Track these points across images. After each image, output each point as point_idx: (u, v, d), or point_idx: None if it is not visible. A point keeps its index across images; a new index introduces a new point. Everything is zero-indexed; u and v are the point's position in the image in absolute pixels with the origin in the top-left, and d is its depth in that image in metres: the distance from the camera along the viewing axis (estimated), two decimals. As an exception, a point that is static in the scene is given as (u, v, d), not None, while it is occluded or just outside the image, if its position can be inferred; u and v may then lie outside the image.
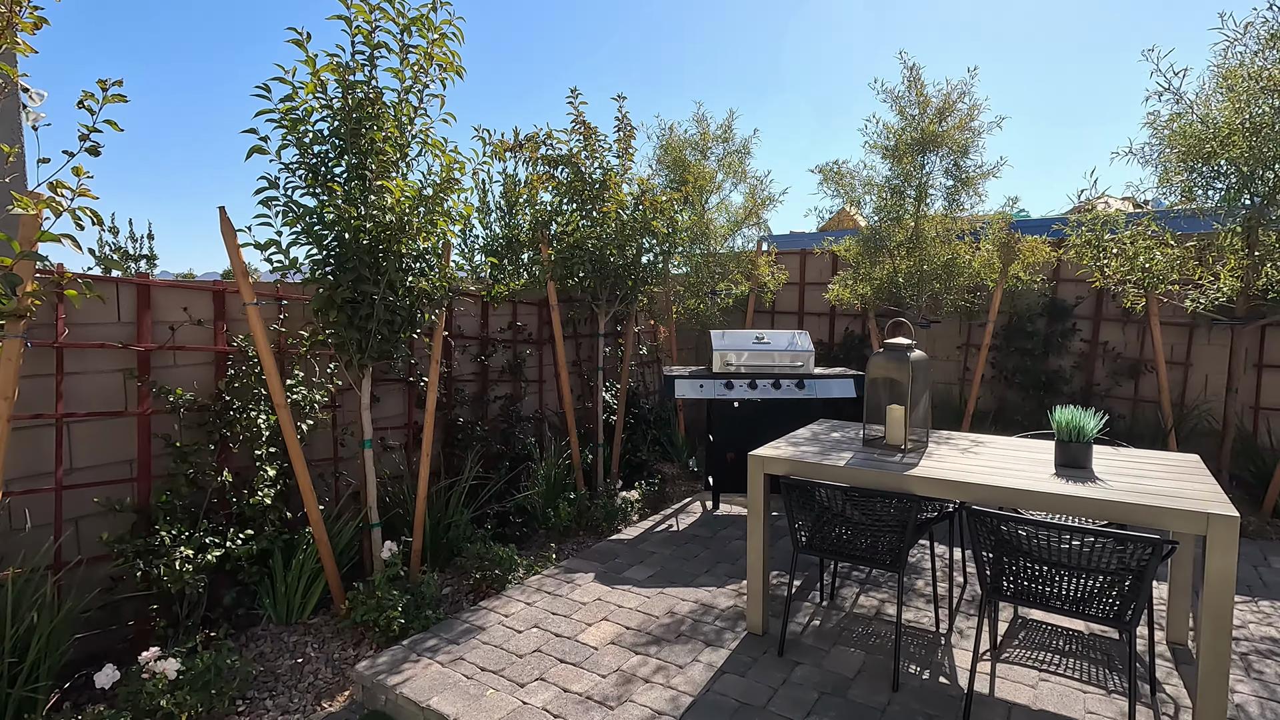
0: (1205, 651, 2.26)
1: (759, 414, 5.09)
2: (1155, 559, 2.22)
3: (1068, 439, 2.86)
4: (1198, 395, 5.49)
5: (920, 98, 5.32)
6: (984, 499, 2.64)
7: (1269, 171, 4.37)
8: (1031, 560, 2.45)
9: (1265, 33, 4.34)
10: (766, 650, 3.07)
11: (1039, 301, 6.04)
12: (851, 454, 3.13)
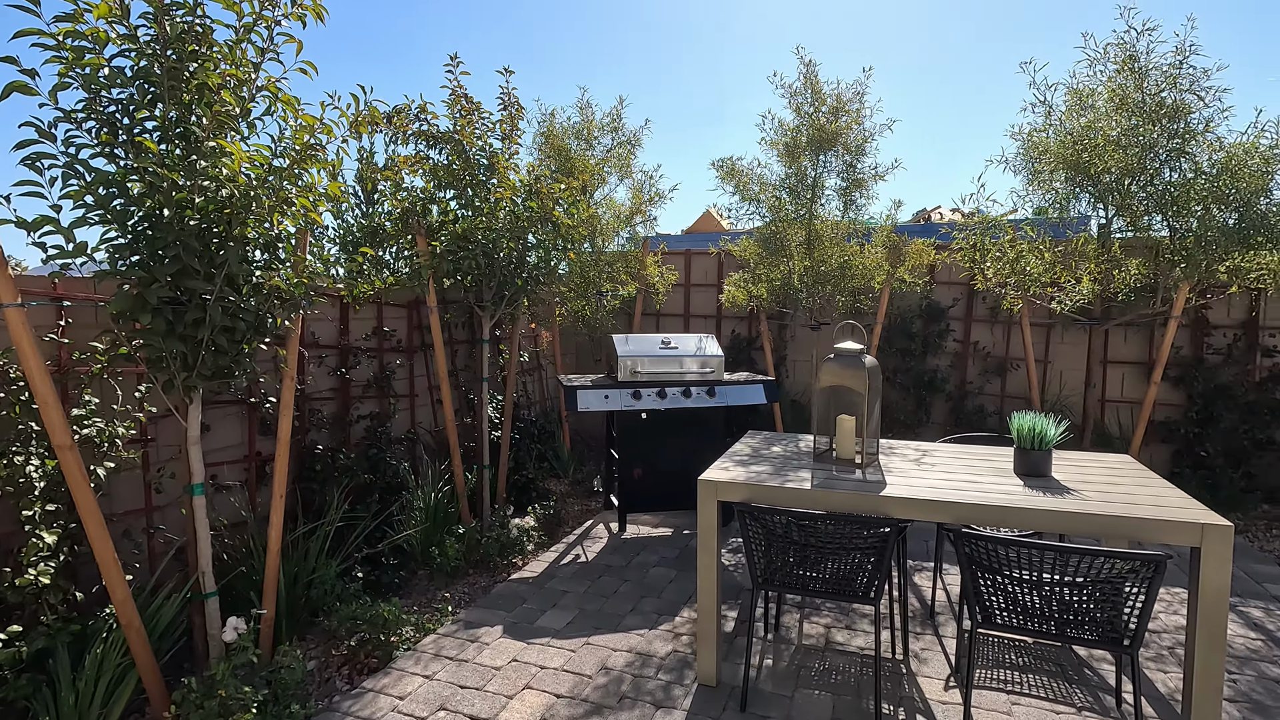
0: (1200, 665, 2.17)
1: (668, 425, 4.70)
2: (1159, 577, 2.08)
3: (1029, 446, 2.73)
4: (1056, 390, 5.91)
5: (816, 95, 5.22)
6: (971, 519, 2.41)
7: (1119, 184, 4.71)
8: (1027, 587, 2.25)
9: (1122, 54, 4.67)
10: (726, 706, 2.65)
11: (918, 303, 6.22)
12: (809, 473, 2.81)
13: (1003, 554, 2.22)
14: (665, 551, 4.29)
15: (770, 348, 6.33)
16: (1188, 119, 4.47)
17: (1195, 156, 4.50)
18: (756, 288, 5.67)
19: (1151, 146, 4.52)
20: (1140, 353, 5.69)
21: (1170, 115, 4.46)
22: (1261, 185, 4.37)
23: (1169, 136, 4.50)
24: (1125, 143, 4.50)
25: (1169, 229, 4.71)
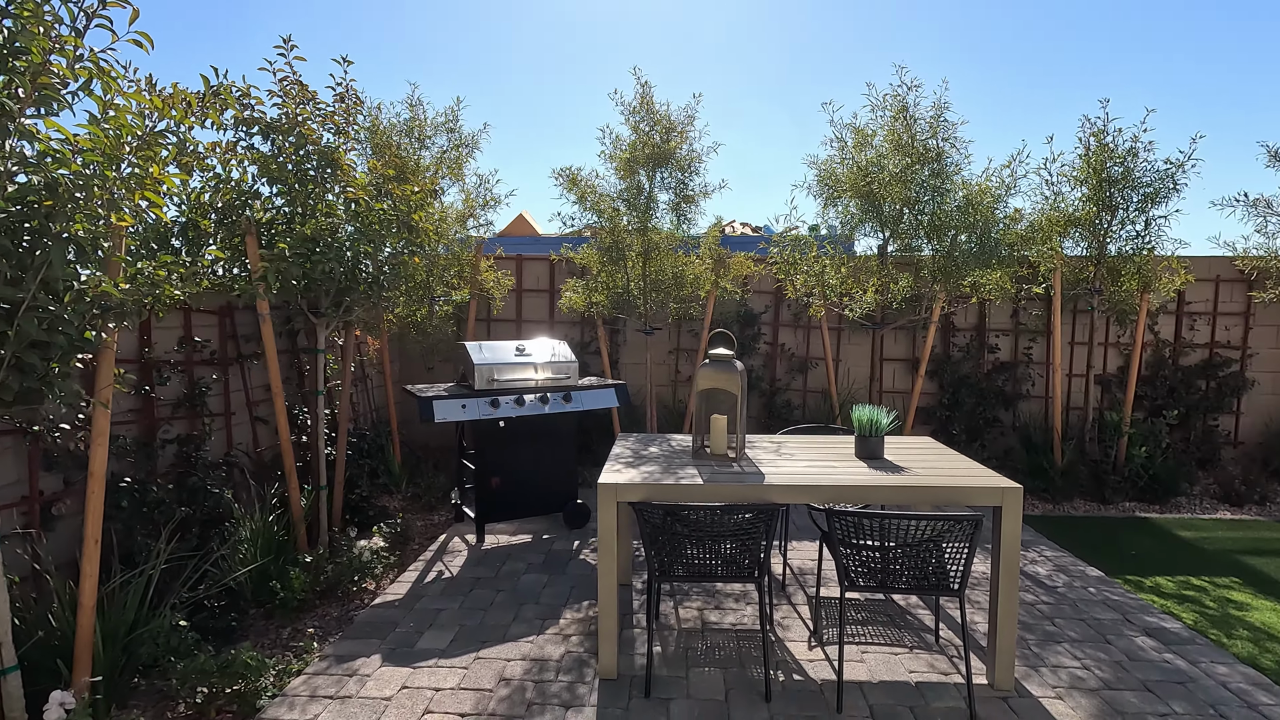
0: (1003, 594, 2.78)
1: (525, 431, 4.71)
2: (979, 532, 2.64)
3: (868, 434, 3.26)
4: (847, 385, 6.91)
5: (651, 114, 5.56)
6: (836, 498, 2.82)
7: (898, 213, 5.69)
8: (878, 551, 2.70)
9: (896, 104, 5.64)
10: (632, 695, 2.80)
11: (736, 310, 6.88)
12: (695, 469, 3.06)
13: (865, 525, 2.65)
14: (531, 558, 4.30)
15: (606, 352, 6.58)
16: (944, 161, 5.54)
17: (950, 193, 5.58)
18: (597, 295, 5.87)
19: (921, 183, 5.52)
20: (908, 351, 6.88)
21: (933, 158, 5.49)
22: (992, 218, 5.56)
23: (931, 175, 5.53)
24: (904, 179, 5.45)
25: (931, 251, 5.78)
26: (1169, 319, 6.65)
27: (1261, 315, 6.57)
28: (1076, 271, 6.17)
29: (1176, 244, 5.81)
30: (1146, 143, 5.61)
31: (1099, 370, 6.64)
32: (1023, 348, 6.77)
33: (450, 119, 5.81)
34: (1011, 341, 6.78)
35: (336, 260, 3.71)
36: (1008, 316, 6.77)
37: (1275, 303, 6.40)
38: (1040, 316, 6.68)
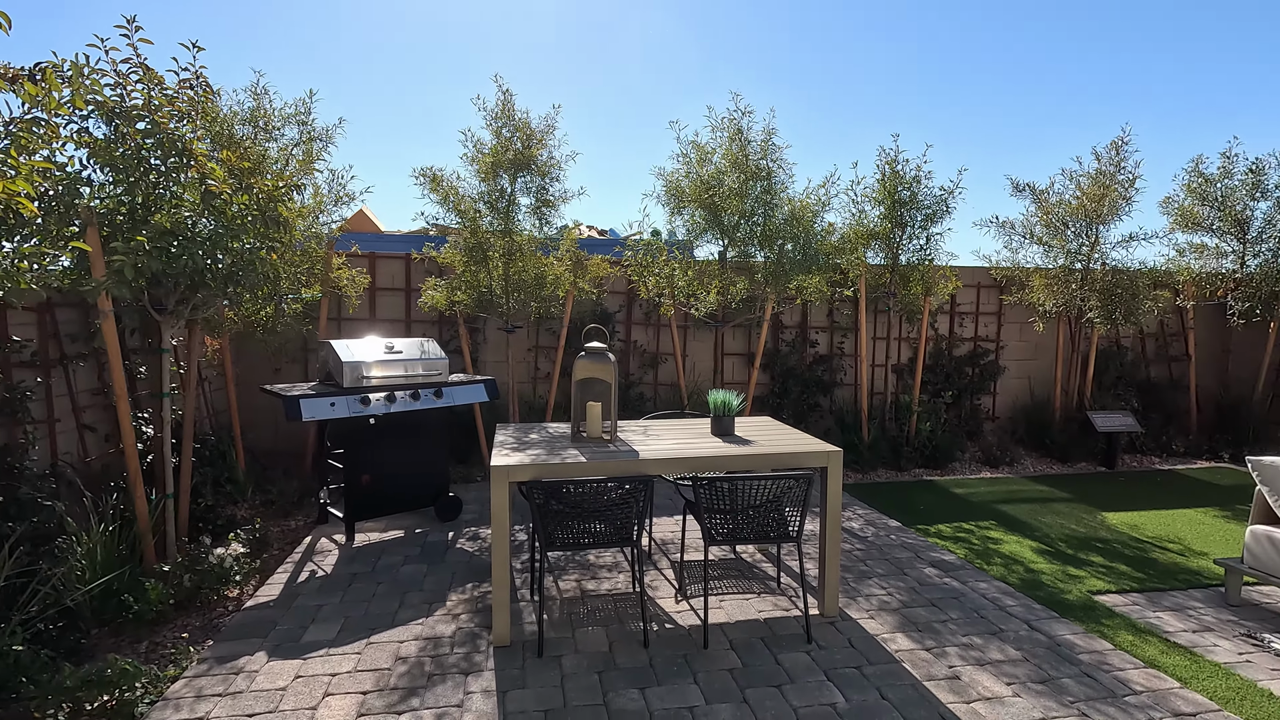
0: (829, 537, 3.43)
1: (395, 428, 4.75)
2: (811, 488, 3.25)
3: (722, 414, 3.79)
4: (693, 378, 7.58)
5: (512, 120, 5.80)
6: (700, 468, 3.30)
7: (736, 224, 6.42)
8: (736, 510, 3.22)
9: (733, 127, 6.36)
10: (526, 657, 3.08)
11: (592, 309, 7.28)
12: (577, 450, 3.40)
13: (727, 487, 3.16)
14: (408, 551, 4.39)
15: (468, 350, 6.68)
16: (773, 180, 6.34)
17: (778, 207, 6.40)
18: (461, 294, 5.99)
19: (755, 198, 6.28)
20: (744, 347, 7.70)
21: (764, 176, 6.26)
22: (812, 230, 6.46)
23: (763, 191, 6.31)
24: (741, 193, 6.17)
25: (764, 257, 6.58)
26: (945, 318, 8.07)
27: (1009, 314, 8.19)
28: (877, 277, 7.31)
29: (949, 256, 7.13)
30: (927, 172, 6.82)
31: (895, 361, 7.89)
32: (837, 343, 7.85)
33: (302, 111, 5.62)
34: (828, 337, 7.84)
35: (206, 254, 3.57)
36: (825, 316, 7.82)
37: (1018, 304, 8.01)
38: (850, 316, 7.80)
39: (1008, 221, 7.70)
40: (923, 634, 3.33)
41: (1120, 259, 7.39)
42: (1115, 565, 4.45)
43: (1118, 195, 7.11)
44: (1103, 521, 5.36)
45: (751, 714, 2.66)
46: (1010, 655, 3.13)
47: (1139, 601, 3.92)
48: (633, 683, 2.87)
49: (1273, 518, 3.87)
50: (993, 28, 21.00)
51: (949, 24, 21.00)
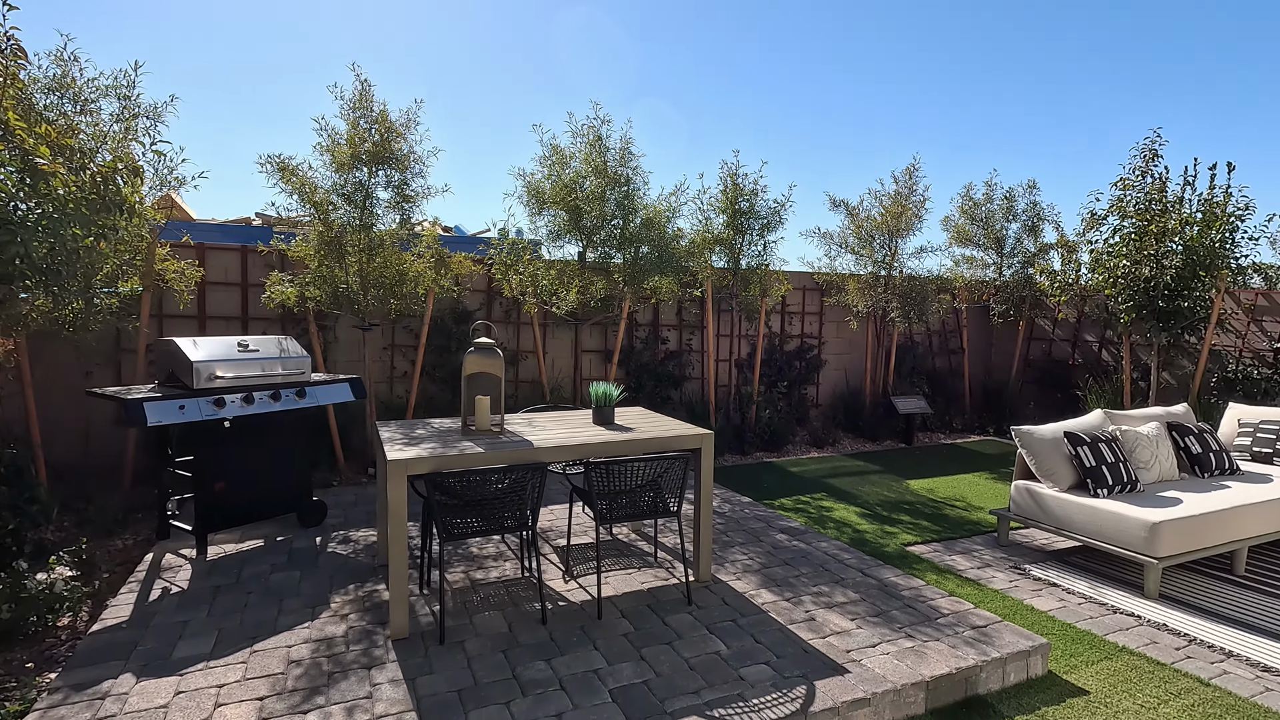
0: (703, 511, 3.84)
1: (253, 432, 4.47)
2: (688, 466, 3.63)
3: (603, 405, 4.07)
4: (554, 374, 7.78)
5: (370, 112, 5.64)
6: (589, 454, 3.56)
7: (596, 227, 6.74)
8: (623, 492, 3.52)
9: (593, 134, 6.67)
10: (428, 645, 3.14)
11: (452, 307, 7.21)
12: (470, 442, 3.50)
13: (616, 469, 3.44)
14: (274, 559, 4.17)
15: (320, 349, 6.35)
16: (631, 186, 6.74)
17: (636, 212, 6.81)
18: (315, 289, 5.70)
19: (615, 202, 6.63)
20: (601, 344, 8.04)
21: (623, 183, 6.64)
22: (665, 235, 6.95)
23: (622, 197, 6.69)
24: (601, 198, 6.48)
25: (623, 259, 6.95)
26: (778, 317, 9.00)
27: (829, 314, 9.32)
28: (721, 279, 8.00)
29: (782, 262, 7.99)
30: (763, 186, 7.61)
31: (737, 356, 8.66)
32: (686, 339, 8.46)
33: (123, 84, 5.03)
34: (678, 335, 8.42)
35: (28, 242, 3.17)
36: (675, 315, 8.39)
37: (837, 305, 9.16)
38: (697, 315, 8.44)
39: (827, 233, 8.77)
40: (781, 588, 3.85)
41: (914, 268, 8.74)
42: (919, 522, 5.36)
43: (912, 214, 8.41)
44: (907, 488, 6.38)
45: (650, 669, 2.97)
46: (851, 597, 3.74)
47: (938, 548, 4.80)
48: (538, 655, 3.06)
49: (1030, 474, 4.93)
50: (810, 70, 23.44)
51: (774, 64, 23.08)
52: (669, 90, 29.08)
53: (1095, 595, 4.02)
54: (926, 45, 23.20)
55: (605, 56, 27.92)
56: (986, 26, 21.13)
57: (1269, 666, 3.24)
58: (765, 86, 25.57)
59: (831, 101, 25.99)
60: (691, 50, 24.42)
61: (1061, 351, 9.73)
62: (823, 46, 22.78)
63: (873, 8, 20.26)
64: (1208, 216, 6.85)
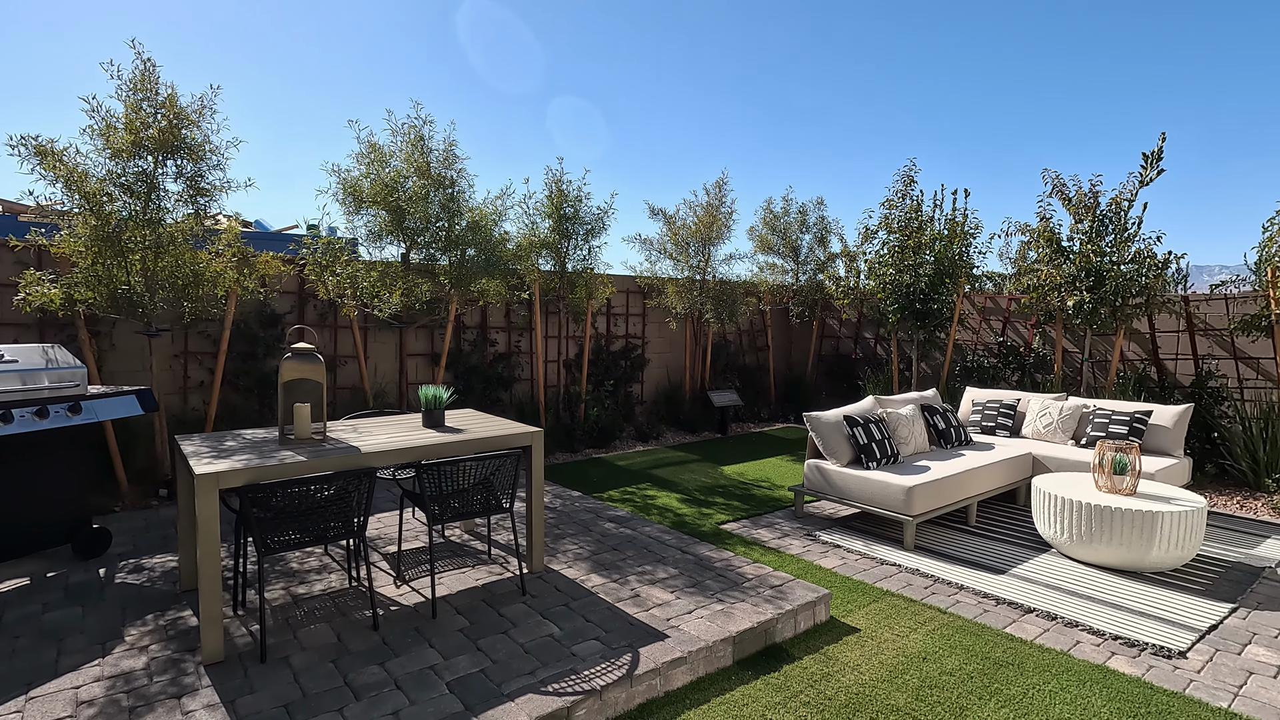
0: (535, 505, 4.02)
1: (12, 456, 3.89)
2: (519, 463, 3.79)
3: (433, 407, 4.09)
4: (377, 380, 7.48)
5: (155, 95, 5.10)
6: (422, 456, 3.58)
7: (420, 228, 6.64)
8: (456, 493, 3.60)
9: (415, 134, 6.54)
10: (248, 666, 3.00)
11: (258, 310, 6.68)
12: (291, 451, 3.38)
13: (449, 470, 3.51)
14: (46, 598, 3.67)
15: (93, 358, 5.60)
16: (456, 188, 6.71)
17: (462, 215, 6.78)
18: (87, 290, 5.04)
19: (440, 204, 6.56)
20: (427, 347, 7.87)
21: (448, 185, 6.59)
22: (491, 237, 7.00)
23: (447, 199, 6.63)
24: (425, 199, 6.39)
25: (449, 261, 6.89)
26: (604, 318, 9.38)
27: (651, 315, 9.89)
28: (549, 282, 8.19)
29: (606, 266, 8.37)
30: (586, 193, 7.92)
31: (566, 357, 8.91)
32: (514, 342, 8.54)
33: None
34: (507, 337, 8.48)
35: None
36: (503, 317, 8.44)
37: (658, 307, 9.74)
38: (526, 317, 8.56)
39: (648, 239, 9.32)
40: (609, 571, 4.15)
41: (725, 273, 9.57)
42: (731, 502, 5.96)
43: (722, 223, 9.20)
44: (722, 473, 7.03)
45: (487, 657, 3.09)
46: (671, 573, 4.12)
47: (747, 524, 5.39)
48: (370, 660, 3.06)
49: (819, 453, 5.70)
50: (625, 94, 24.38)
51: (583, 83, 23.73)
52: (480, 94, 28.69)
53: (868, 551, 4.79)
54: (733, 74, 25.22)
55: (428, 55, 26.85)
56: (792, 53, 23.47)
57: (987, 594, 4.11)
58: (599, 94, 26.19)
59: (653, 115, 27.25)
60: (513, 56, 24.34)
61: (847, 347, 11.17)
62: (649, 66, 23.91)
63: (691, 38, 21.60)
64: (951, 233, 8.30)
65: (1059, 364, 7.93)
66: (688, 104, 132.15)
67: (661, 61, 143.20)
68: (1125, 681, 3.16)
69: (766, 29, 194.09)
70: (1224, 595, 4.12)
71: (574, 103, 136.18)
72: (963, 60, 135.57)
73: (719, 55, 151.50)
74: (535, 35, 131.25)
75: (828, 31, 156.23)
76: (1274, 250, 6.34)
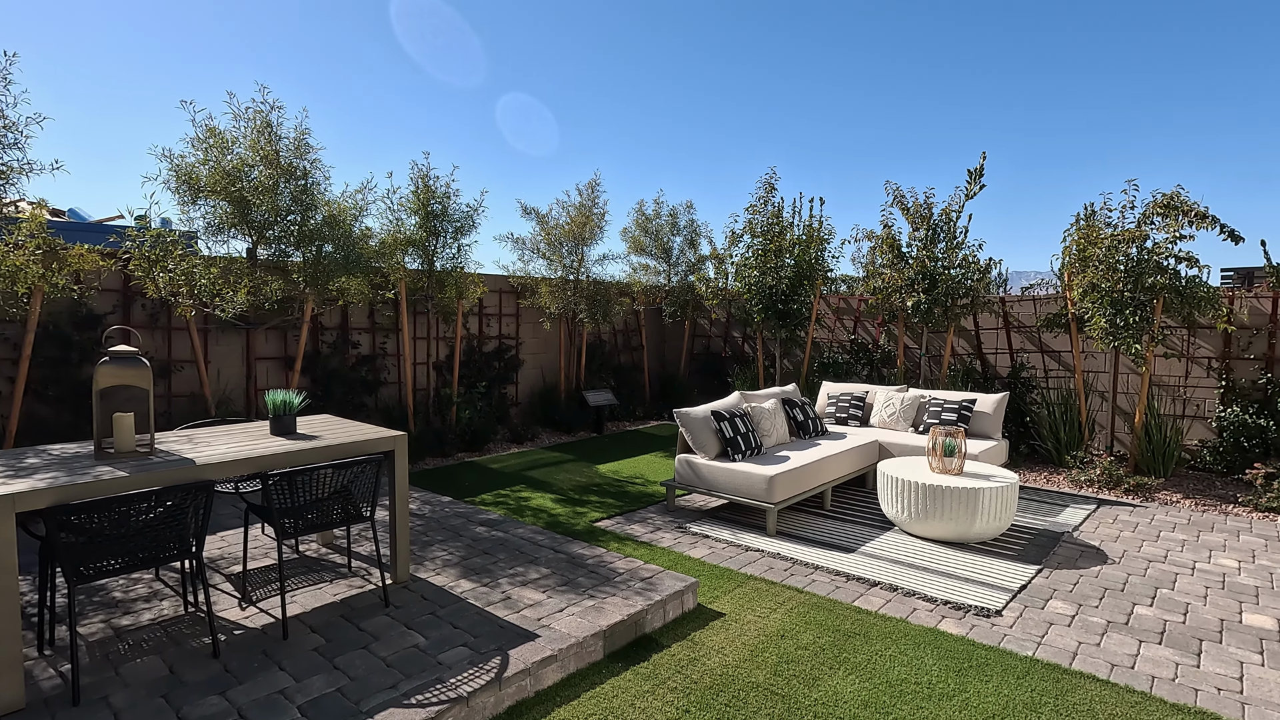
0: (399, 511, 3.85)
1: None
2: (382, 469, 3.62)
3: (282, 413, 3.81)
4: (218, 386, 6.84)
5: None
6: (269, 466, 3.33)
7: (269, 221, 6.16)
8: (310, 504, 3.38)
9: (260, 120, 6.06)
10: (55, 711, 2.65)
11: (70, 310, 5.89)
12: (109, 467, 3.02)
13: (302, 481, 3.29)
14: None
15: None
16: (310, 180, 6.28)
17: (317, 208, 6.36)
18: None
19: (292, 196, 6.11)
20: (280, 350, 7.31)
21: (300, 176, 6.15)
22: (351, 233, 6.63)
23: (300, 190, 6.19)
24: (274, 190, 5.93)
25: (303, 258, 6.44)
26: (475, 319, 9.15)
27: (525, 315, 9.77)
28: (416, 281, 7.87)
29: (477, 265, 8.17)
30: (455, 190, 7.70)
31: (435, 359, 8.60)
32: (379, 343, 8.13)
33: None
34: (371, 338, 8.05)
35: None
36: (366, 317, 8.01)
37: (531, 307, 9.64)
38: (392, 317, 8.17)
39: (520, 239, 9.21)
40: (480, 575, 4.06)
41: (599, 273, 9.65)
42: (605, 500, 6.03)
43: (595, 224, 9.26)
44: (596, 472, 7.08)
45: (345, 675, 2.93)
46: (544, 573, 4.10)
47: (620, 521, 5.47)
48: (210, 690, 2.80)
49: (689, 448, 5.89)
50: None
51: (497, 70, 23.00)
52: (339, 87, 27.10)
53: (735, 540, 5.02)
54: (612, 73, 25.44)
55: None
56: (668, 58, 23.98)
57: (839, 571, 4.44)
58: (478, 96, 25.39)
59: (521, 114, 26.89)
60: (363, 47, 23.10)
61: (717, 345, 11.61)
62: (525, 63, 23.50)
63: (565, 35, 21.50)
64: (809, 238, 8.87)
65: (901, 359, 8.71)
66: (558, 100, 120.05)
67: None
68: (953, 641, 3.53)
69: (640, 37, 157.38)
70: (1032, 559, 4.70)
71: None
72: (819, 68, 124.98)
73: (596, 55, 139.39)
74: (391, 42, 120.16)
75: (700, 36, 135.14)
76: (1069, 259, 7.33)
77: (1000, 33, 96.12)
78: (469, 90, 25.22)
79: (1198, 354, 7.23)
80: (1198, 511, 5.86)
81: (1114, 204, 6.98)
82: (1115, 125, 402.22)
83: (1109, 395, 7.58)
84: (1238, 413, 6.76)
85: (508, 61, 21.28)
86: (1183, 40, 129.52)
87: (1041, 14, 70.34)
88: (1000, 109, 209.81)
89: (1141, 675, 3.22)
